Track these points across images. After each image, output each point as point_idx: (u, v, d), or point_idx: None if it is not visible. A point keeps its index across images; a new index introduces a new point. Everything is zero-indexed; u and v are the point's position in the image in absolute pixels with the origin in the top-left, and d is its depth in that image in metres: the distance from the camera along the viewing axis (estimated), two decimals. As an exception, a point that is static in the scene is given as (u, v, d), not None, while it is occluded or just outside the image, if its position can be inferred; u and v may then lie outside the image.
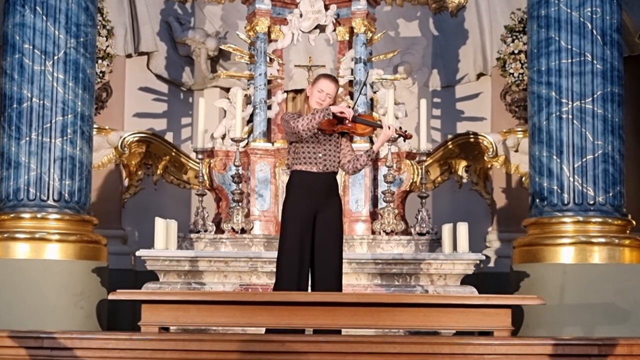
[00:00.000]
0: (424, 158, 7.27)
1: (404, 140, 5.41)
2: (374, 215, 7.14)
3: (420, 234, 7.04)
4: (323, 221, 5.24)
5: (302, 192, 5.24)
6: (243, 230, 6.99)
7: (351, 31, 7.44)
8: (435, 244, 7.00)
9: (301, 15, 7.45)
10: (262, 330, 5.30)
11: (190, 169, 8.11)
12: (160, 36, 8.61)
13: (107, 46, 8.01)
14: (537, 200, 6.62)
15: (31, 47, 6.53)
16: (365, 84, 6.78)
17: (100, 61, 7.86)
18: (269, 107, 7.37)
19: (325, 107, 5.18)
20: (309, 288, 5.27)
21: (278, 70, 7.44)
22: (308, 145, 5.24)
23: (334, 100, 5.35)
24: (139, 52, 8.55)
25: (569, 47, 6.55)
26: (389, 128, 5.26)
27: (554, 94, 6.57)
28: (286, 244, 5.22)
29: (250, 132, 7.35)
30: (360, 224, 7.12)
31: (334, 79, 5.41)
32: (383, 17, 8.31)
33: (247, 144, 7.27)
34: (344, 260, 6.56)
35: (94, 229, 6.77)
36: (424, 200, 7.16)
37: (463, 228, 6.73)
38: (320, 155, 5.23)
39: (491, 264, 7.72)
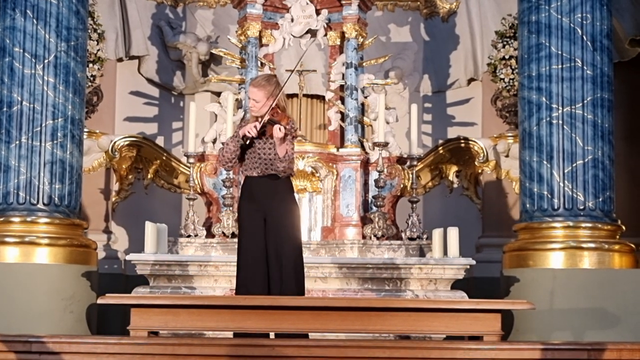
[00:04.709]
0: (415, 163, 7.28)
1: (292, 138, 5.18)
2: (364, 220, 7.14)
3: (411, 239, 7.04)
4: (272, 225, 5.24)
5: (247, 197, 5.30)
6: (233, 235, 6.98)
7: (342, 36, 7.44)
8: (425, 248, 7.00)
9: (292, 20, 7.45)
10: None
11: (181, 173, 8.10)
12: (151, 40, 8.60)
13: (98, 50, 8.00)
14: (528, 205, 6.63)
15: (21, 51, 6.52)
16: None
17: (91, 65, 7.85)
18: (260, 112, 7.36)
19: (234, 134, 5.33)
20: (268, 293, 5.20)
21: (269, 75, 7.44)
22: (249, 151, 5.27)
23: (272, 100, 5.22)
24: (130, 56, 8.54)
25: (560, 52, 6.58)
26: (277, 129, 5.12)
27: (544, 99, 6.58)
28: (239, 250, 5.28)
29: (241, 136, 7.33)
30: (351, 228, 7.12)
31: (260, 82, 5.30)
32: (374, 22, 8.32)
33: (238, 148, 7.26)
34: (336, 265, 6.62)
35: (84, 233, 6.75)
36: (414, 205, 7.16)
37: (453, 233, 6.73)
38: (257, 160, 5.26)
39: (481, 269, 7.72)
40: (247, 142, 5.24)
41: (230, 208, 7.02)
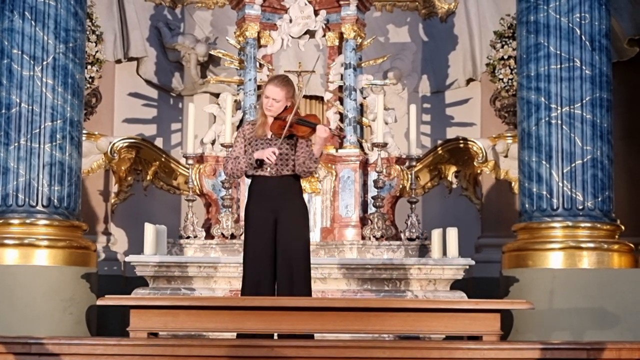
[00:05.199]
0: (414, 163, 7.28)
1: (339, 139, 5.17)
2: (363, 221, 7.14)
3: (410, 239, 7.04)
4: (283, 225, 5.21)
5: (258, 197, 5.25)
6: (233, 236, 6.98)
7: (341, 37, 7.45)
8: (424, 249, 7.00)
9: (291, 21, 7.46)
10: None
11: (180, 175, 8.10)
12: (149, 42, 8.60)
13: (97, 51, 8.00)
14: (527, 206, 6.63)
15: (20, 53, 6.52)
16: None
17: (89, 66, 7.86)
18: (259, 113, 7.36)
19: (249, 156, 5.20)
20: (275, 293, 5.20)
21: (268, 76, 7.43)
22: (261, 150, 5.22)
23: (291, 102, 5.24)
24: (129, 57, 8.54)
25: (558, 52, 6.58)
26: (324, 130, 5.12)
27: (543, 99, 6.58)
28: (246, 250, 5.24)
29: (240, 137, 7.33)
30: (350, 229, 7.12)
31: (282, 81, 5.28)
32: (373, 23, 8.32)
33: (236, 149, 7.25)
34: (335, 265, 6.62)
35: (84, 234, 6.75)
36: (413, 206, 7.16)
37: (453, 233, 6.73)
38: (276, 160, 5.20)
39: (481, 269, 7.72)
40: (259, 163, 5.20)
41: (230, 209, 7.02)
